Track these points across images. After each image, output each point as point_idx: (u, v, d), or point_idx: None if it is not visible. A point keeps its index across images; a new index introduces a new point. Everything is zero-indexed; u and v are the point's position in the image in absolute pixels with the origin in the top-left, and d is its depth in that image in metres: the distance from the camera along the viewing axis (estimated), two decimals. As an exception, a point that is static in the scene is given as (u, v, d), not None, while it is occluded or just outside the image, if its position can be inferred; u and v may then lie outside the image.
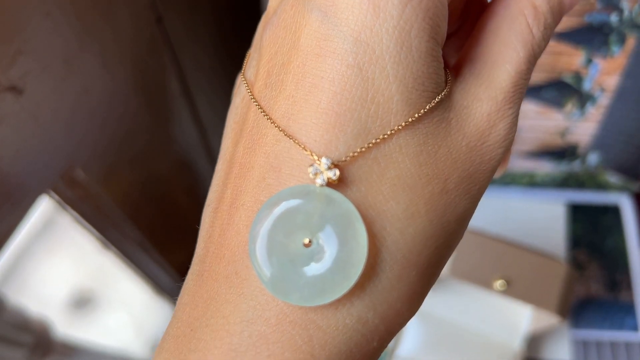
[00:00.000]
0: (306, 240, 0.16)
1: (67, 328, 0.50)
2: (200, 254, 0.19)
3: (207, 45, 0.44)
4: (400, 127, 0.17)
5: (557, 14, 0.20)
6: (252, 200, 0.17)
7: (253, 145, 0.18)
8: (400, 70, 0.16)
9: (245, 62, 0.21)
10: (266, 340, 0.16)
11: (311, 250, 0.16)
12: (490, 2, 0.20)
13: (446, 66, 0.19)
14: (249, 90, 0.19)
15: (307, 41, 0.17)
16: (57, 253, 0.48)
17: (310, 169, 0.16)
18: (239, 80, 0.21)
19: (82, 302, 0.53)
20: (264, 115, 0.17)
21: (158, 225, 0.46)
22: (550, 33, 0.20)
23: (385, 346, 0.17)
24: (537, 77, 0.47)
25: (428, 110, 0.17)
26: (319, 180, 0.16)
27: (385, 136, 0.16)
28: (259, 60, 0.19)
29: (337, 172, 0.16)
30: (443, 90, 0.18)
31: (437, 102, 0.17)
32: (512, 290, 0.45)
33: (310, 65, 0.17)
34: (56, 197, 0.33)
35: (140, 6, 0.33)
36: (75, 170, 0.33)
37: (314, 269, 0.16)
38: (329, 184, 0.16)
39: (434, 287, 0.52)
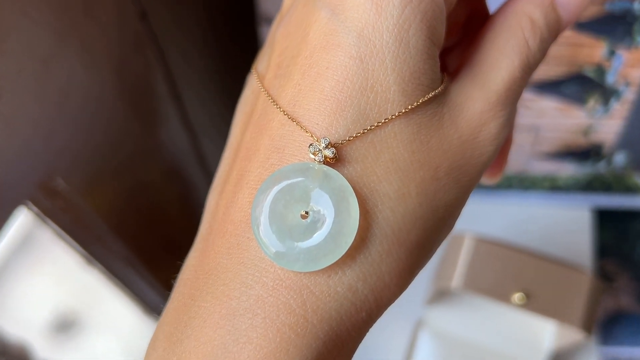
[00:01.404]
0: (303, 212, 0.19)
1: (48, 353, 0.51)
2: (203, 232, 0.22)
3: (196, 41, 0.44)
4: (395, 115, 0.19)
5: (554, 29, 0.23)
6: (255, 179, 0.20)
7: (260, 130, 0.21)
8: (398, 64, 0.19)
9: (258, 57, 0.24)
10: (263, 302, 0.18)
11: (307, 221, 0.19)
12: (491, 15, 0.23)
13: (445, 71, 0.22)
14: (259, 82, 0.22)
15: (315, 35, 0.20)
16: (36, 270, 0.48)
17: (310, 148, 0.19)
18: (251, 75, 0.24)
19: (65, 325, 0.53)
20: (272, 102, 0.21)
21: (146, 239, 0.46)
22: (546, 46, 0.23)
23: (374, 321, 0.20)
24: (556, 71, 0.48)
25: (422, 102, 0.20)
26: (317, 158, 0.19)
27: (382, 123, 0.19)
28: (271, 54, 0.22)
29: (334, 150, 0.19)
30: (438, 87, 0.21)
31: (432, 96, 0.20)
32: (533, 304, 0.45)
33: (316, 56, 0.20)
34: (35, 209, 0.33)
35: (122, 1, 0.33)
36: (56, 180, 0.34)
37: (309, 237, 0.19)
38: (327, 162, 0.19)
39: (447, 301, 0.52)
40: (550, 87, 0.49)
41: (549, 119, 0.52)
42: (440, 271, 0.50)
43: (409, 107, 0.20)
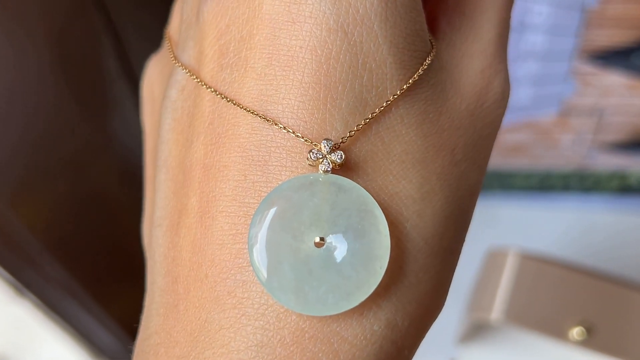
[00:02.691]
0: (318, 239, 0.19)
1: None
2: (162, 284, 0.21)
3: (154, 4, 0.44)
4: (397, 95, 0.20)
5: None
6: (234, 204, 0.20)
7: (219, 140, 0.20)
8: (389, 30, 0.20)
9: (166, 42, 0.24)
10: None
11: (326, 250, 0.19)
12: None
13: None
14: (194, 77, 0.21)
15: (272, 7, 0.20)
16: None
17: (310, 155, 0.19)
18: (158, 68, 0.25)
19: (-11, 374, 0.53)
20: (229, 101, 0.20)
21: (93, 262, 0.46)
22: None
23: (414, 354, 0.20)
24: (623, 36, 0.48)
25: (423, 72, 0.20)
26: (323, 167, 0.19)
27: (383, 107, 0.20)
28: (201, 40, 0.22)
29: (342, 154, 0.19)
30: (431, 50, 0.21)
31: (430, 63, 0.20)
32: (595, 340, 0.45)
33: (283, 35, 0.19)
34: (-53, 222, 0.33)
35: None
36: (-26, 185, 0.34)
37: (333, 270, 0.19)
38: (333, 170, 0.19)
39: (484, 337, 0.52)
40: (617, 57, 0.49)
41: (616, 99, 0.52)
42: (476, 298, 0.50)
43: (410, 81, 0.20)
